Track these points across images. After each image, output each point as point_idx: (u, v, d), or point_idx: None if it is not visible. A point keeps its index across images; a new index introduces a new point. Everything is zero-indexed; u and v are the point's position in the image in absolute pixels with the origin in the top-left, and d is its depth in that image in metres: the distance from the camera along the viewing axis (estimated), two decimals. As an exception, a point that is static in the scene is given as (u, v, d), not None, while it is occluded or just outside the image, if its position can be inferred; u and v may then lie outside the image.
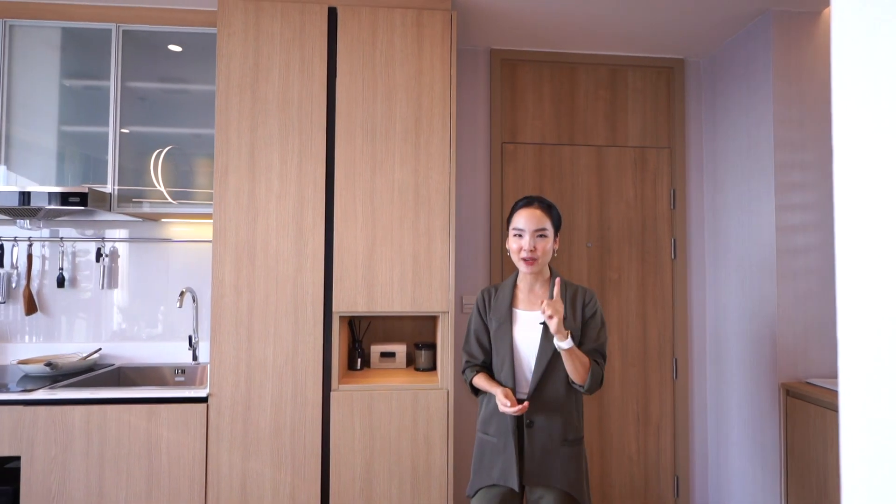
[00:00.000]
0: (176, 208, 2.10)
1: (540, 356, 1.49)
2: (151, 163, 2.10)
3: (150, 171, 2.10)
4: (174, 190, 2.12)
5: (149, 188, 2.10)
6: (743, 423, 2.24)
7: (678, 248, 2.50)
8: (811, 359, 2.03)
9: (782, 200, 2.05)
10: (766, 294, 2.09)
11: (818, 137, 2.07)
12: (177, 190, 2.12)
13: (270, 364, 1.82)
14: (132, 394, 1.77)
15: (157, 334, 2.32)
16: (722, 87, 2.41)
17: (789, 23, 2.08)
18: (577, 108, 2.48)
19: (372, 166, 1.88)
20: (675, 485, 2.47)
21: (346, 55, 1.89)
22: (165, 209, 2.10)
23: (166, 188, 2.11)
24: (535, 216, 1.52)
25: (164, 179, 2.12)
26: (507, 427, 1.51)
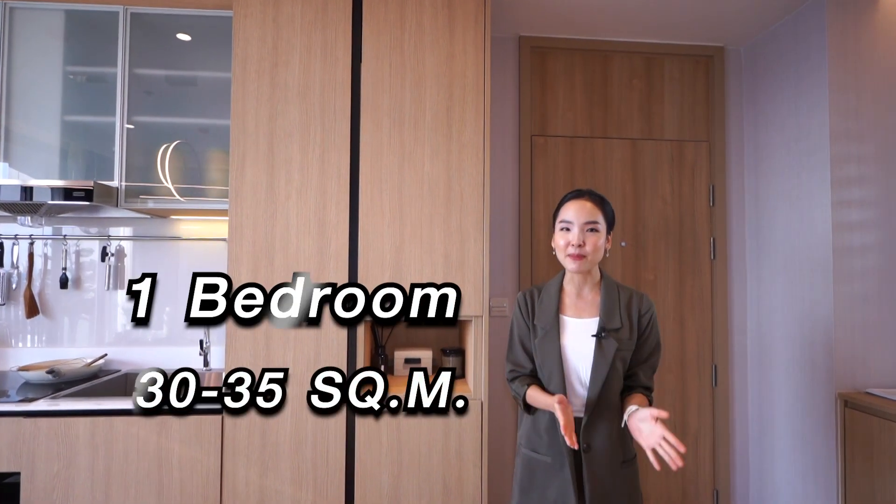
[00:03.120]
0: (187, 204, 1.97)
1: (595, 372, 1.33)
2: (159, 156, 1.96)
3: (160, 164, 1.96)
4: (182, 186, 1.98)
5: (158, 184, 1.96)
6: (791, 434, 2.09)
7: (718, 248, 2.35)
8: (871, 367, 1.89)
9: (839, 196, 1.90)
10: (821, 296, 1.94)
11: (877, 128, 1.92)
12: (185, 186, 1.98)
13: (290, 371, 1.68)
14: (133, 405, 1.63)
15: (166, 338, 2.19)
16: (765, 75, 2.26)
17: (845, 7, 1.93)
18: (611, 99, 2.34)
19: (400, 158, 1.74)
20: (714, 499, 2.32)
21: (372, 38, 1.75)
22: (176, 205, 1.96)
23: (176, 183, 1.97)
24: (585, 208, 1.36)
25: (173, 174, 1.98)
26: (561, 446, 1.36)
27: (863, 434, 1.78)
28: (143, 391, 1.58)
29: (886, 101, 1.92)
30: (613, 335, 1.34)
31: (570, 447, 1.32)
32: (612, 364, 1.32)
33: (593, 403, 1.33)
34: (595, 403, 1.33)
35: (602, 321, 1.35)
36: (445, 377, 1.65)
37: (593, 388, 1.33)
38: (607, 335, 1.34)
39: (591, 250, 1.34)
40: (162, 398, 1.57)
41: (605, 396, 1.33)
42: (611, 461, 1.33)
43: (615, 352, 1.33)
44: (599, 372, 1.32)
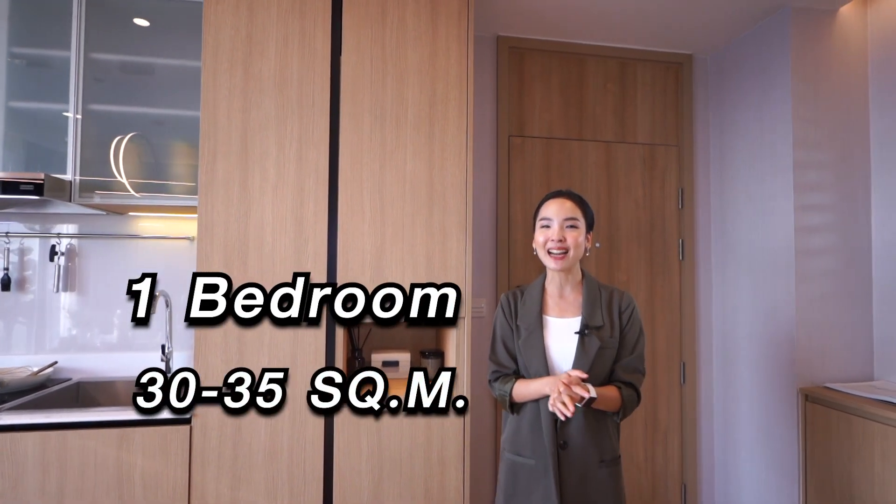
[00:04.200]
0: (147, 200, 1.84)
1: (576, 369, 1.34)
2: (112, 148, 1.82)
3: (114, 158, 1.83)
4: (141, 182, 1.85)
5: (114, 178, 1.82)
6: (755, 428, 2.18)
7: (686, 249, 2.43)
8: (829, 363, 1.99)
9: (801, 200, 2.00)
10: (783, 296, 2.04)
11: (834, 137, 2.03)
12: (145, 182, 1.85)
13: (265, 378, 1.60)
14: (98, 416, 1.50)
15: (123, 343, 2.04)
16: (731, 84, 2.35)
17: (807, 20, 2.03)
18: (586, 102, 2.37)
19: (381, 156, 1.69)
20: (682, 492, 2.39)
21: (353, 31, 1.69)
22: (135, 201, 1.83)
23: (134, 178, 1.84)
24: (565, 206, 1.37)
25: (131, 168, 1.85)
26: (545, 448, 1.35)
27: (822, 426, 1.88)
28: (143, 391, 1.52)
29: (841, 112, 2.04)
30: (595, 333, 1.35)
31: (553, 448, 1.32)
32: (593, 361, 1.32)
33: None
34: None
35: (584, 319, 1.36)
36: (446, 377, 1.63)
37: None
38: (589, 333, 1.34)
39: (572, 246, 1.35)
40: (162, 398, 1.52)
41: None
42: (588, 460, 1.33)
43: (597, 349, 1.33)
44: (581, 369, 1.31)
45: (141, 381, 1.57)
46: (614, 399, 1.30)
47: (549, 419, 1.34)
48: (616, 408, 1.31)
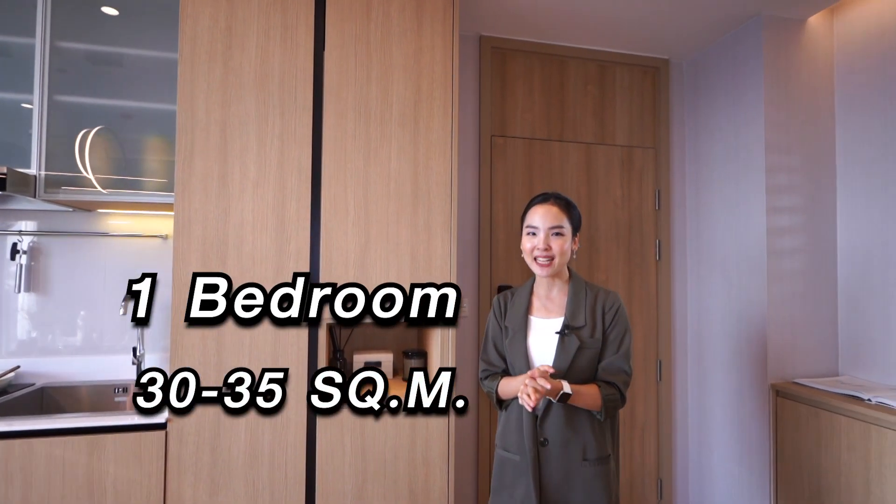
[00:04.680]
0: (117, 196, 1.76)
1: (556, 368, 1.35)
2: (78, 142, 1.74)
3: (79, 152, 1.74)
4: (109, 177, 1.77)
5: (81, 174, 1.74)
6: (728, 424, 2.25)
7: (662, 249, 2.48)
8: (798, 359, 2.07)
9: (773, 203, 2.07)
10: (756, 295, 2.10)
11: (803, 141, 2.11)
12: (115, 177, 1.77)
13: (245, 380, 1.55)
14: (67, 423, 1.43)
15: (89, 347, 1.95)
16: (705, 89, 2.42)
17: (778, 28, 2.11)
18: (567, 103, 2.40)
19: (365, 153, 1.67)
20: (658, 487, 2.45)
21: (337, 25, 1.66)
22: (105, 197, 1.75)
23: (103, 173, 1.76)
24: (550, 213, 1.39)
25: (100, 162, 1.77)
26: (527, 445, 1.36)
27: (792, 420, 1.95)
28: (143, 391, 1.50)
29: (810, 117, 2.12)
30: (576, 333, 1.36)
31: (534, 444, 1.33)
32: (572, 360, 1.34)
33: (549, 399, 1.33)
34: (551, 399, 1.33)
35: (566, 319, 1.37)
36: (446, 377, 1.62)
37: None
38: (570, 333, 1.36)
39: (558, 254, 1.37)
40: (162, 398, 1.50)
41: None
42: (569, 457, 1.34)
43: (577, 349, 1.35)
44: (560, 367, 1.33)
45: (141, 381, 1.52)
46: (593, 396, 1.31)
47: (529, 416, 1.35)
48: (596, 406, 1.32)
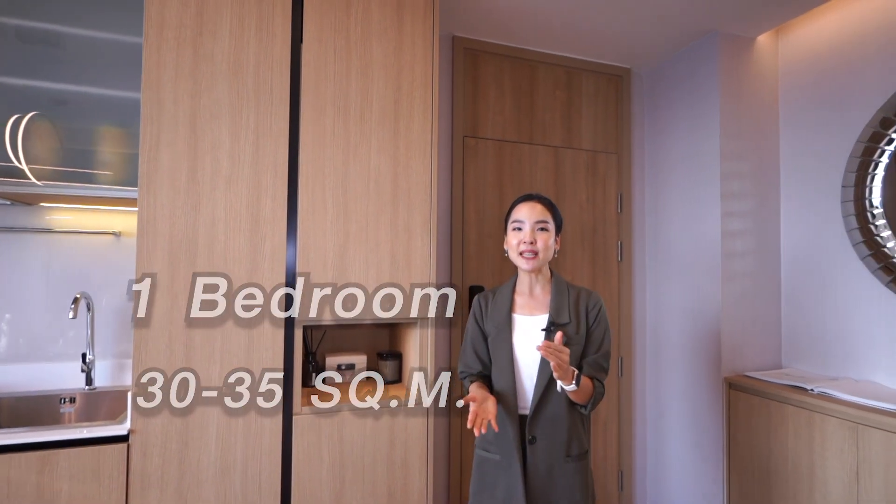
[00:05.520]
0: (61, 189, 1.62)
1: (542, 366, 1.38)
2: (9, 128, 1.58)
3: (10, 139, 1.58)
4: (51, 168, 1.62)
5: (12, 164, 1.59)
6: (684, 415, 2.38)
7: (624, 251, 2.59)
8: (747, 354, 2.22)
9: (726, 207, 2.21)
10: (711, 295, 2.24)
11: (753, 150, 2.26)
12: (58, 169, 1.63)
13: (217, 385, 1.47)
14: (12, 439, 1.30)
15: (34, 353, 1.78)
16: (665, 98, 2.54)
17: (732, 44, 2.25)
18: (536, 107, 2.44)
19: (345, 151, 1.62)
20: (619, 479, 2.55)
21: (315, 18, 1.60)
22: (47, 190, 1.60)
23: (45, 163, 1.61)
24: (535, 209, 1.42)
25: (43, 151, 1.62)
26: (510, 443, 1.38)
27: (744, 411, 2.09)
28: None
29: (758, 127, 2.28)
30: (562, 329, 1.39)
31: (520, 443, 1.36)
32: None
33: (539, 396, 1.37)
34: (541, 396, 1.37)
35: (551, 316, 1.40)
36: (445, 377, 1.60)
37: (540, 381, 1.38)
38: (555, 329, 1.39)
39: (542, 248, 1.40)
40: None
41: (550, 390, 1.38)
42: (555, 454, 1.38)
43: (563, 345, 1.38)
44: (546, 365, 1.36)
45: (140, 381, 1.41)
46: (588, 390, 1.35)
47: (514, 415, 1.38)
48: (587, 399, 1.36)
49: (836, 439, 1.72)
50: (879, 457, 1.60)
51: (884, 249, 1.84)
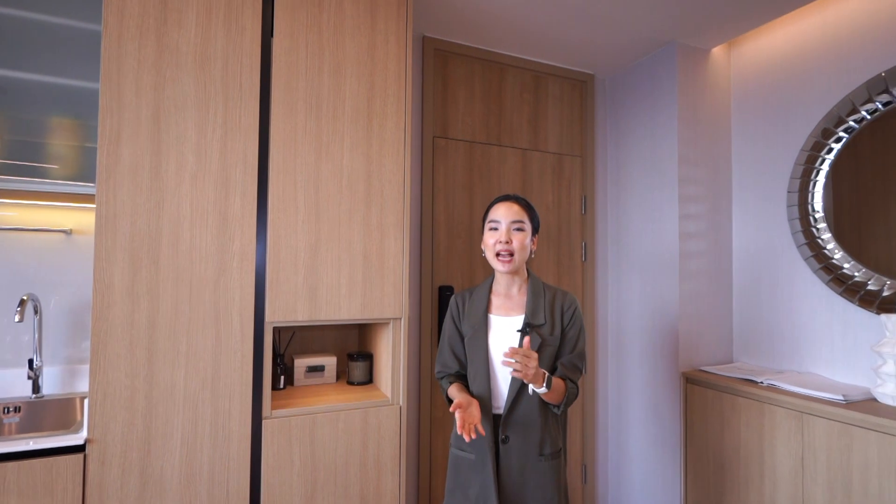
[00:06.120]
0: (14, 184, 1.51)
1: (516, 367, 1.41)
2: None
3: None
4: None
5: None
6: (644, 409, 2.48)
7: (588, 251, 2.67)
8: (703, 349, 2.34)
9: (683, 210, 2.32)
10: (668, 293, 2.34)
11: (707, 156, 2.39)
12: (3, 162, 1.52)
13: (181, 392, 1.41)
14: (-47, 453, 1.20)
15: (-31, 361, 1.65)
16: (626, 104, 2.64)
17: (689, 55, 2.36)
18: (505, 110, 2.48)
19: (317, 148, 1.59)
20: (583, 472, 2.62)
21: (287, 12, 1.57)
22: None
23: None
24: (512, 209, 1.45)
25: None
26: (484, 442, 1.40)
27: (699, 403, 2.20)
28: None
29: (712, 134, 2.41)
30: (537, 330, 1.42)
31: (494, 442, 1.38)
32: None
33: (513, 396, 1.39)
34: (515, 397, 1.39)
35: (527, 317, 1.43)
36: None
37: (514, 381, 1.40)
38: (531, 330, 1.42)
39: (518, 248, 1.42)
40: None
41: (524, 390, 1.40)
42: (528, 453, 1.40)
43: (538, 346, 1.41)
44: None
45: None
46: (560, 390, 1.38)
47: (488, 415, 1.39)
48: (559, 399, 1.39)
49: (783, 428, 1.84)
50: (822, 443, 1.72)
51: (824, 251, 1.99)
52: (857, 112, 1.88)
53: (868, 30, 1.91)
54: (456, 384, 1.47)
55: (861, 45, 1.93)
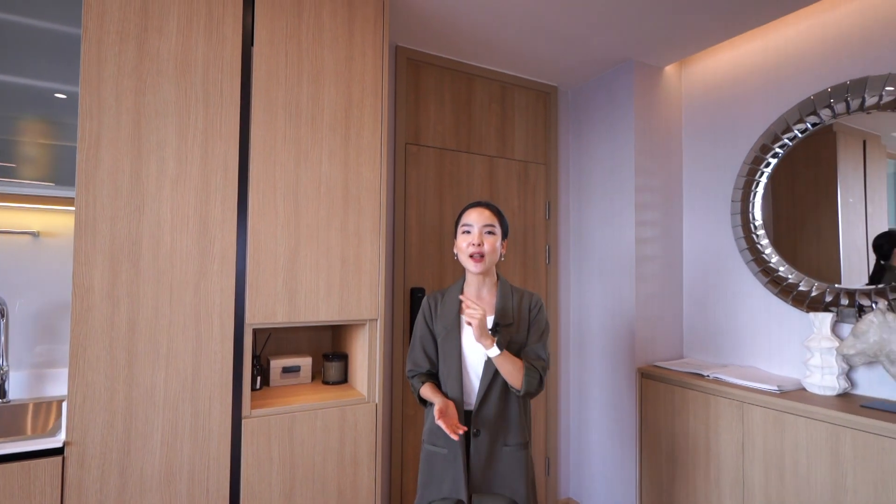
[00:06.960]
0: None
1: (487, 364, 1.50)
2: None
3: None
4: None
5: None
6: (603, 404, 2.64)
7: (552, 255, 2.81)
8: (657, 347, 2.51)
9: (640, 217, 2.49)
10: (626, 294, 2.51)
11: (661, 166, 2.57)
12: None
13: (161, 393, 1.43)
14: (-76, 458, 1.19)
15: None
16: (587, 116, 2.80)
17: (645, 72, 2.54)
18: (474, 118, 2.59)
19: (296, 155, 1.64)
20: (546, 465, 2.76)
21: (267, 22, 1.61)
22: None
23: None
24: (484, 214, 1.55)
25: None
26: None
27: (653, 396, 2.37)
28: None
29: (665, 146, 2.59)
30: (506, 330, 1.53)
31: (464, 438, 1.48)
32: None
33: (484, 392, 1.49)
34: (486, 392, 1.49)
35: (496, 318, 1.53)
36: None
37: (485, 377, 1.50)
38: (500, 330, 1.52)
39: (489, 250, 1.52)
40: None
41: (494, 386, 1.51)
42: (496, 444, 1.50)
43: (507, 345, 1.52)
44: (490, 363, 1.49)
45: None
46: (517, 367, 1.44)
47: (460, 411, 1.48)
48: (518, 379, 1.45)
49: (727, 417, 2.03)
50: (759, 429, 1.91)
51: (763, 256, 2.19)
52: (791, 131, 2.09)
53: (800, 56, 2.13)
54: (428, 384, 1.54)
55: (795, 70, 2.14)
